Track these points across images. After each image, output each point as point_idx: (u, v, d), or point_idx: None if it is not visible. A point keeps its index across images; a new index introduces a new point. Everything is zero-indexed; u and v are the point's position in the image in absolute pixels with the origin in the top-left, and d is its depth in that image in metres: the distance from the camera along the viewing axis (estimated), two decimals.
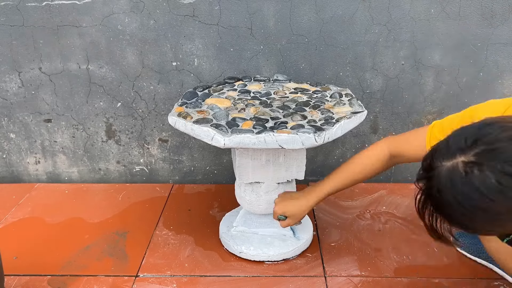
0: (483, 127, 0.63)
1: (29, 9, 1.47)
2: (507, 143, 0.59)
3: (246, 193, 1.25)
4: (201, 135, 1.05)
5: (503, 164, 0.59)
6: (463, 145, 0.63)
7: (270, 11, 1.46)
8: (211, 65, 1.54)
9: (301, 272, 1.22)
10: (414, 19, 1.47)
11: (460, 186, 0.61)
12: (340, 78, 1.55)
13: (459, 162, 0.62)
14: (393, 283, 1.18)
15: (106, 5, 1.45)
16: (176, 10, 1.46)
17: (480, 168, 0.60)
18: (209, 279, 1.20)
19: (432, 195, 0.66)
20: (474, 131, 0.63)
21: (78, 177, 1.74)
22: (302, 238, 1.30)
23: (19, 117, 1.64)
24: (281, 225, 1.16)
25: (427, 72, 1.54)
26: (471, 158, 0.61)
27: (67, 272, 1.23)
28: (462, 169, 0.61)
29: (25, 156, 1.71)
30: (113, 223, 1.46)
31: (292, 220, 1.15)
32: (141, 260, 1.28)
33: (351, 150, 1.67)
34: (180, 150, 1.69)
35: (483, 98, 1.57)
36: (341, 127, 1.07)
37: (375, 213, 1.50)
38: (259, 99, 1.25)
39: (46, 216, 1.50)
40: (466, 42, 1.49)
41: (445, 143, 0.66)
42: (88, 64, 1.54)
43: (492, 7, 1.44)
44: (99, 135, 1.67)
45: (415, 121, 1.62)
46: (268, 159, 1.18)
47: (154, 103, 1.60)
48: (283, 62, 1.53)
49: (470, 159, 0.61)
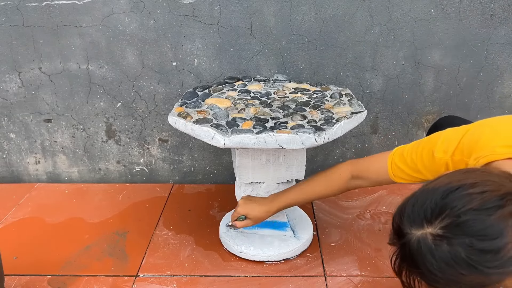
0: (446, 196, 0.62)
1: (29, 9, 1.47)
2: (473, 216, 0.59)
3: (246, 193, 1.25)
4: (201, 135, 1.05)
5: (471, 238, 0.58)
6: (429, 215, 0.62)
7: (270, 11, 1.46)
8: (211, 65, 1.54)
9: (301, 272, 1.22)
10: (414, 19, 1.47)
11: (431, 258, 0.61)
12: (340, 78, 1.55)
13: (428, 233, 0.62)
14: (393, 283, 1.18)
15: (106, 5, 1.45)
16: (176, 10, 1.46)
17: (449, 242, 0.60)
18: (209, 279, 1.20)
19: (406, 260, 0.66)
20: (437, 200, 0.62)
21: (78, 177, 1.74)
22: (302, 238, 1.30)
23: (19, 117, 1.64)
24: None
25: (427, 72, 1.54)
26: (439, 231, 0.61)
27: (67, 272, 1.23)
28: (431, 241, 0.61)
29: (25, 156, 1.71)
30: (113, 223, 1.46)
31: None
32: (141, 260, 1.28)
33: (351, 150, 1.67)
34: (180, 150, 1.69)
35: (483, 98, 1.57)
36: (341, 127, 1.07)
37: (375, 213, 1.50)
38: (259, 99, 1.25)
39: (46, 216, 1.50)
40: (466, 42, 1.49)
41: (411, 207, 0.65)
42: (88, 64, 1.54)
43: (492, 7, 1.44)
44: (99, 135, 1.67)
45: (415, 121, 1.62)
46: (268, 159, 1.18)
47: (154, 103, 1.60)
48: (283, 62, 1.53)
49: (437, 232, 0.61)
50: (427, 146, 0.90)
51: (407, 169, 0.94)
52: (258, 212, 1.16)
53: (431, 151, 0.88)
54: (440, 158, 0.86)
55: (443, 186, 0.64)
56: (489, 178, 0.64)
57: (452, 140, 0.85)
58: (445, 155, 0.85)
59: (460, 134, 0.85)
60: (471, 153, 0.80)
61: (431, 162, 0.88)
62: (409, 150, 0.94)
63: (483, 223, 0.59)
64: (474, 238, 0.58)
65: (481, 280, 0.60)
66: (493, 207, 0.59)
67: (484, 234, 0.58)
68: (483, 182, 0.62)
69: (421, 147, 0.91)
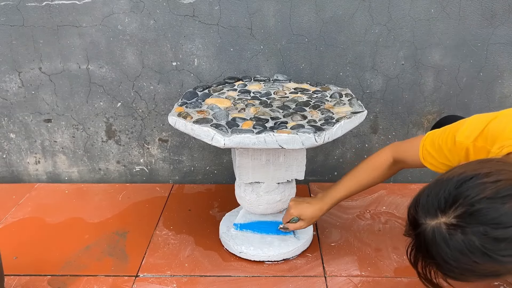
0: (460, 185, 0.62)
1: (29, 9, 1.47)
2: (486, 205, 0.59)
3: (246, 193, 1.25)
4: (201, 135, 1.05)
5: (485, 227, 0.59)
6: (442, 205, 0.62)
7: (270, 11, 1.46)
8: (211, 65, 1.54)
9: (301, 272, 1.22)
10: (414, 19, 1.47)
11: (445, 247, 0.61)
12: (340, 78, 1.55)
13: (441, 223, 0.62)
14: (393, 283, 1.18)
15: (106, 5, 1.45)
16: (176, 10, 1.46)
17: (463, 231, 0.60)
18: (209, 279, 1.20)
19: (421, 251, 0.67)
20: (451, 189, 0.63)
21: (78, 177, 1.75)
22: (302, 238, 1.30)
23: (19, 117, 1.64)
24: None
25: (427, 72, 1.54)
26: (452, 220, 0.61)
27: (67, 272, 1.23)
28: (445, 231, 0.61)
29: (25, 156, 1.71)
30: (113, 223, 1.46)
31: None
32: (141, 260, 1.28)
33: (351, 150, 1.67)
34: (180, 150, 1.69)
35: (483, 98, 1.57)
36: (341, 127, 1.07)
37: (375, 213, 1.50)
38: (259, 99, 1.25)
39: (46, 216, 1.50)
40: (466, 42, 1.50)
41: (425, 198, 0.66)
42: (88, 64, 1.54)
43: (492, 7, 1.44)
44: (99, 135, 1.67)
45: (415, 121, 1.62)
46: (268, 159, 1.18)
47: (154, 103, 1.60)
48: (283, 62, 1.53)
49: (451, 221, 0.61)
50: (452, 131, 0.89)
51: (435, 154, 0.93)
52: (312, 212, 1.16)
53: (453, 136, 0.87)
54: (460, 142, 0.85)
55: (457, 176, 0.64)
56: (504, 167, 0.64)
57: (477, 126, 0.84)
58: (466, 139, 0.84)
59: (486, 120, 0.83)
60: (495, 140, 0.79)
61: (453, 147, 0.88)
62: (439, 134, 0.93)
63: (497, 211, 0.59)
64: (488, 226, 0.58)
65: (495, 268, 0.60)
66: (507, 195, 0.59)
67: (498, 223, 0.58)
68: (497, 171, 0.62)
69: (447, 132, 0.91)
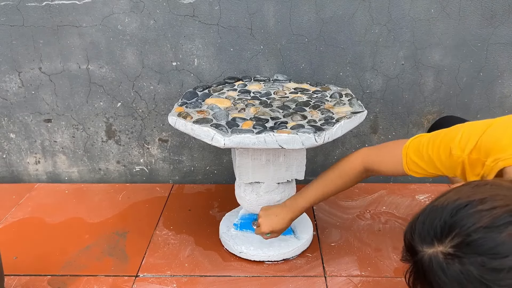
0: (455, 213, 0.61)
1: (29, 9, 1.47)
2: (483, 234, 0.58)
3: (246, 193, 1.25)
4: (201, 135, 1.05)
5: (483, 257, 0.57)
6: (439, 234, 0.61)
7: (270, 11, 1.46)
8: (211, 65, 1.54)
9: (301, 272, 1.22)
10: (414, 19, 1.47)
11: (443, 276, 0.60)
12: (340, 78, 1.55)
13: (439, 252, 0.61)
14: (393, 283, 1.18)
15: (106, 5, 1.45)
16: (176, 10, 1.46)
17: (460, 261, 0.59)
18: (209, 279, 1.20)
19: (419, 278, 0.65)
20: (446, 218, 0.61)
21: (78, 177, 1.74)
22: (302, 238, 1.30)
23: (19, 117, 1.64)
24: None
25: (427, 72, 1.54)
26: (450, 250, 0.60)
27: (67, 272, 1.23)
28: (442, 260, 0.60)
29: (25, 156, 1.71)
30: (113, 223, 1.46)
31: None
32: (141, 260, 1.28)
33: (351, 150, 1.67)
34: (180, 150, 1.69)
35: (483, 98, 1.57)
36: (341, 127, 1.07)
37: (375, 213, 1.50)
38: (259, 99, 1.25)
39: (46, 216, 1.50)
40: (466, 42, 1.49)
41: (421, 225, 0.64)
42: (88, 64, 1.54)
43: (492, 7, 1.44)
44: (99, 135, 1.67)
45: (415, 121, 1.62)
46: (268, 159, 1.18)
47: (154, 103, 1.60)
48: (283, 62, 1.53)
49: (448, 251, 0.60)
50: (444, 141, 0.86)
51: (423, 164, 0.91)
52: (281, 224, 1.16)
53: (448, 148, 0.85)
54: (458, 156, 0.83)
55: (452, 203, 0.62)
56: (499, 192, 0.62)
57: (471, 137, 0.81)
58: (462, 153, 0.82)
59: (480, 130, 0.81)
60: (490, 153, 0.77)
61: (448, 159, 0.85)
62: (425, 144, 0.90)
63: (493, 241, 0.57)
64: (486, 256, 0.57)
65: None
66: (503, 224, 0.58)
67: (496, 253, 0.57)
68: (492, 197, 0.61)
69: (438, 142, 0.87)
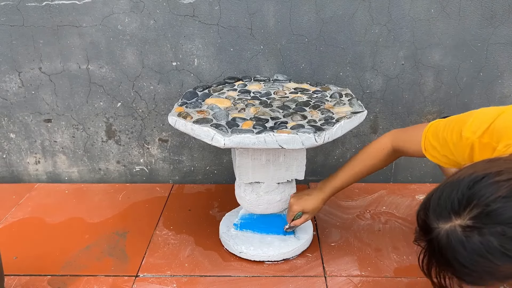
0: (473, 185, 0.61)
1: (29, 9, 1.47)
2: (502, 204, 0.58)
3: (246, 193, 1.25)
4: (201, 135, 1.05)
5: (503, 226, 0.57)
6: (456, 207, 0.61)
7: (270, 11, 1.46)
8: (211, 65, 1.54)
9: (301, 272, 1.22)
10: (414, 19, 1.47)
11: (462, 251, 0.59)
12: (340, 78, 1.55)
13: (457, 226, 0.60)
14: (393, 283, 1.18)
15: (106, 5, 1.45)
16: (176, 10, 1.46)
17: (480, 233, 0.58)
18: (209, 279, 1.20)
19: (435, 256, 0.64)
20: (464, 190, 0.61)
21: (78, 177, 1.75)
22: (302, 238, 1.30)
23: (19, 117, 1.64)
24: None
25: (427, 72, 1.54)
26: (468, 222, 0.59)
27: (67, 272, 1.23)
28: (461, 233, 0.59)
29: (25, 156, 1.71)
30: (113, 223, 1.46)
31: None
32: (141, 260, 1.28)
33: (351, 150, 1.67)
34: (180, 150, 1.69)
35: (483, 98, 1.57)
36: (341, 127, 1.07)
37: (375, 213, 1.50)
38: (259, 99, 1.25)
39: (46, 216, 1.50)
40: (466, 42, 1.50)
41: (437, 200, 0.64)
42: (88, 64, 1.54)
43: (492, 7, 1.44)
44: (99, 135, 1.67)
45: (415, 121, 1.62)
46: (268, 159, 1.18)
47: (154, 103, 1.60)
48: (283, 62, 1.53)
49: (467, 223, 0.59)
50: (457, 124, 0.86)
51: (438, 146, 0.91)
52: (314, 204, 1.17)
53: (459, 130, 0.85)
54: (467, 138, 0.82)
55: (468, 177, 0.62)
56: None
57: (484, 121, 0.81)
58: (473, 135, 0.82)
59: (493, 115, 0.81)
60: (501, 138, 0.77)
61: (459, 141, 0.85)
62: (442, 126, 0.90)
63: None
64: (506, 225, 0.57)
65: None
66: None
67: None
68: (508, 169, 0.61)
69: (452, 124, 0.87)
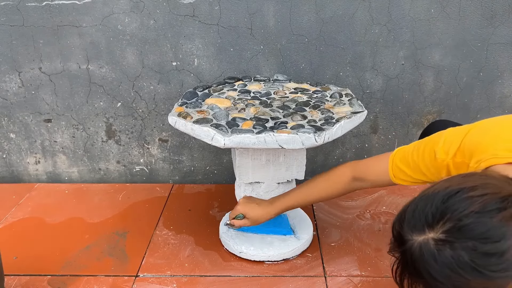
0: (447, 200, 0.61)
1: (29, 9, 1.47)
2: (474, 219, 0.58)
3: (246, 193, 1.25)
4: (201, 135, 1.05)
5: (474, 242, 0.58)
6: (430, 220, 0.61)
7: (270, 11, 1.46)
8: (211, 65, 1.54)
9: (301, 272, 1.22)
10: (414, 19, 1.47)
11: (434, 264, 0.60)
12: (340, 78, 1.55)
13: (429, 239, 0.61)
14: (393, 283, 1.18)
15: (106, 5, 1.45)
16: (176, 10, 1.46)
17: (452, 247, 0.59)
18: (209, 279, 1.20)
19: (408, 268, 0.65)
20: (438, 204, 0.62)
21: (78, 177, 1.74)
22: (302, 238, 1.30)
23: (19, 117, 1.64)
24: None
25: (427, 72, 1.54)
26: (441, 235, 0.60)
27: (67, 272, 1.23)
28: (433, 246, 0.60)
29: (25, 156, 1.71)
30: (113, 223, 1.46)
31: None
32: (141, 260, 1.28)
33: (351, 150, 1.67)
34: (180, 150, 1.69)
35: (483, 98, 1.57)
36: (341, 127, 1.07)
37: (375, 213, 1.50)
38: (259, 99, 1.25)
39: (46, 216, 1.50)
40: (466, 42, 1.50)
41: (411, 213, 0.65)
42: (88, 64, 1.54)
43: (492, 7, 1.44)
44: (99, 135, 1.67)
45: (415, 121, 1.62)
46: (268, 159, 1.18)
47: (154, 103, 1.60)
48: (283, 62, 1.53)
49: (440, 237, 0.60)
50: (428, 146, 0.89)
51: (408, 170, 0.93)
52: (257, 213, 1.16)
53: (433, 152, 0.87)
54: (442, 159, 0.85)
55: (443, 191, 0.63)
56: (489, 181, 0.63)
57: (454, 141, 0.84)
58: (446, 156, 0.84)
59: (461, 134, 0.84)
60: (472, 155, 0.79)
61: (433, 163, 0.87)
62: (411, 151, 0.93)
63: (485, 225, 0.58)
64: (477, 241, 0.58)
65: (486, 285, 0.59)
66: (494, 209, 0.58)
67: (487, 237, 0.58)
68: (482, 185, 0.62)
69: (422, 147, 0.90)
